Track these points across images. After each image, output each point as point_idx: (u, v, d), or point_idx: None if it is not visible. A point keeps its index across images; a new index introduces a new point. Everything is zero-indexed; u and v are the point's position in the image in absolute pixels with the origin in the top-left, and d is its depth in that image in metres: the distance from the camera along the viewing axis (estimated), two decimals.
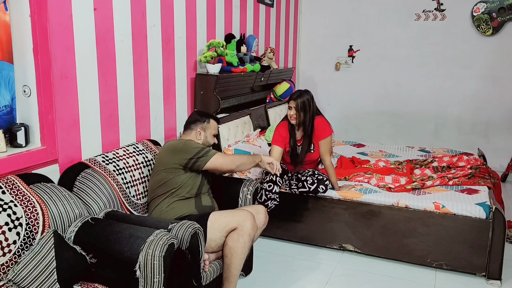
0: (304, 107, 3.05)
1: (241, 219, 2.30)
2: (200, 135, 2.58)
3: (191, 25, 3.37)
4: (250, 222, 2.30)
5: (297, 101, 3.05)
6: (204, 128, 2.60)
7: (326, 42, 5.62)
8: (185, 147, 2.43)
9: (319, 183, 3.12)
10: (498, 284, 2.78)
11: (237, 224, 2.29)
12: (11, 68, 2.12)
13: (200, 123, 2.60)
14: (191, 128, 2.60)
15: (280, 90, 4.53)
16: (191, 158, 2.39)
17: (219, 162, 2.41)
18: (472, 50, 4.97)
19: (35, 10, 2.03)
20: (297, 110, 3.06)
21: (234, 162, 2.47)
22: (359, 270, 2.98)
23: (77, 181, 2.24)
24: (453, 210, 2.89)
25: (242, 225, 2.28)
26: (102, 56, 2.50)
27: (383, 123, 5.50)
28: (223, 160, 2.43)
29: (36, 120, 2.14)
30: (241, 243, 2.28)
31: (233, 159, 2.50)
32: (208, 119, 2.63)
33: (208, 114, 2.71)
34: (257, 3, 4.53)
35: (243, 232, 2.28)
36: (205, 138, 2.60)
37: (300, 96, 3.06)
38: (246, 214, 2.34)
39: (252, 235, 2.32)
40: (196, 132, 2.58)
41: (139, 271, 1.81)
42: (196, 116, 2.65)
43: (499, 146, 5.01)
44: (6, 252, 1.76)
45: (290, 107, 3.09)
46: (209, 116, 2.66)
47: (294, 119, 3.09)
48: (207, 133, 2.61)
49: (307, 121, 3.09)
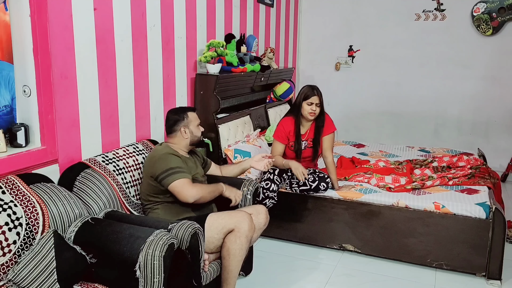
0: (322, 101, 3.12)
1: (238, 221, 2.29)
2: (186, 133, 2.53)
3: (191, 25, 3.37)
4: (247, 223, 2.29)
5: (319, 97, 3.09)
6: (187, 124, 2.53)
7: (326, 42, 5.62)
8: (158, 162, 2.38)
9: (320, 180, 3.12)
10: (498, 284, 2.78)
11: (234, 225, 2.28)
12: (11, 68, 2.12)
13: (180, 122, 2.53)
14: (174, 130, 2.53)
15: (280, 90, 4.53)
16: (160, 174, 2.35)
17: (177, 190, 2.33)
18: (472, 50, 4.97)
19: (35, 10, 2.03)
20: (320, 105, 3.09)
21: (192, 197, 2.33)
22: (359, 270, 2.98)
23: (77, 181, 2.24)
24: (453, 210, 2.89)
25: (239, 227, 2.28)
26: (102, 56, 2.50)
27: (383, 123, 5.50)
28: (179, 189, 2.33)
29: (36, 120, 2.14)
30: (238, 244, 2.27)
31: (191, 193, 2.33)
32: (185, 114, 2.55)
33: (183, 108, 2.63)
34: (257, 3, 4.53)
35: (240, 233, 2.27)
36: (192, 133, 2.55)
37: (318, 90, 3.10)
38: (243, 215, 2.33)
39: (249, 236, 2.31)
40: (181, 132, 2.52)
41: (139, 271, 1.81)
42: (174, 116, 2.56)
43: (499, 146, 5.02)
44: (6, 252, 1.76)
45: (311, 103, 3.08)
46: (185, 111, 2.58)
47: (314, 115, 3.11)
48: (191, 128, 2.55)
49: (322, 115, 3.14)
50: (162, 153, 2.42)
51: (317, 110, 3.09)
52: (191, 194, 2.33)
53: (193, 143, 2.58)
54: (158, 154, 2.42)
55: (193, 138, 2.56)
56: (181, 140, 2.54)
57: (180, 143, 2.54)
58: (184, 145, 2.55)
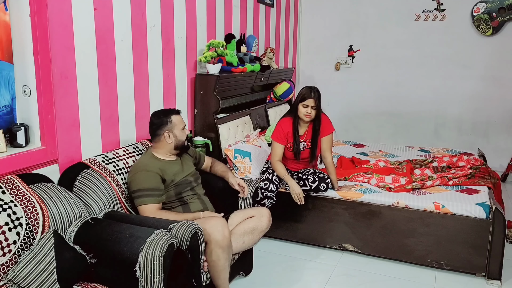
0: (319, 104, 3.09)
1: (209, 232, 2.20)
2: (170, 137, 2.44)
3: (191, 25, 3.37)
4: (220, 232, 2.21)
5: (315, 100, 3.06)
6: (171, 129, 2.44)
7: (326, 42, 5.62)
8: (133, 179, 2.36)
9: (320, 181, 3.12)
10: (498, 284, 2.78)
11: (207, 237, 2.20)
12: (11, 68, 2.12)
13: (164, 126, 2.44)
14: (158, 134, 2.44)
15: (280, 90, 4.53)
16: (131, 193, 2.35)
17: (141, 214, 2.31)
18: (472, 50, 4.97)
19: (35, 10, 2.03)
20: (315, 108, 3.07)
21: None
22: (359, 270, 2.98)
23: (77, 181, 2.24)
24: (453, 210, 2.89)
25: (210, 239, 2.20)
26: (102, 56, 2.50)
27: (383, 123, 5.50)
28: (143, 214, 2.30)
29: (36, 120, 2.14)
30: (214, 257, 2.22)
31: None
32: (169, 118, 2.46)
33: (166, 112, 2.52)
34: (257, 3, 4.53)
35: (213, 245, 2.20)
36: (176, 138, 2.46)
37: (316, 93, 3.07)
38: (214, 224, 2.23)
39: (224, 244, 2.22)
40: (164, 136, 2.44)
41: (139, 271, 1.81)
42: (157, 121, 2.46)
43: (499, 146, 5.02)
44: (6, 252, 1.76)
45: (307, 105, 3.06)
46: (168, 114, 2.48)
47: (309, 117, 3.09)
48: (175, 132, 2.46)
49: (318, 118, 3.12)
50: (141, 168, 2.38)
51: (313, 112, 3.06)
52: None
53: (177, 147, 2.49)
54: (138, 169, 2.38)
55: (177, 143, 2.48)
56: (165, 144, 2.46)
57: (165, 148, 2.47)
58: (169, 149, 2.48)
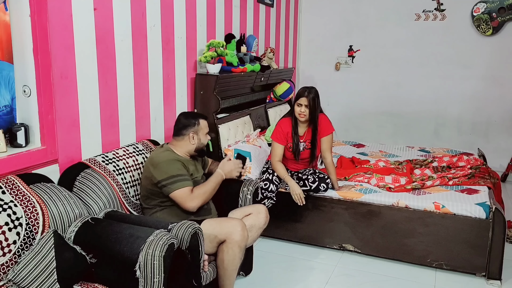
0: (314, 104, 3.06)
1: (229, 231, 2.26)
2: (194, 139, 2.50)
3: (191, 25, 3.37)
4: (239, 233, 2.26)
5: (308, 99, 3.04)
6: (197, 131, 2.51)
7: (326, 42, 5.62)
8: (159, 167, 2.36)
9: (320, 181, 3.12)
10: (498, 284, 2.78)
11: (225, 236, 2.26)
12: (11, 68, 2.12)
13: (191, 127, 2.50)
14: (182, 134, 2.50)
15: (280, 90, 4.53)
16: (161, 181, 2.34)
17: (178, 200, 2.34)
18: (472, 50, 4.97)
19: (35, 10, 2.03)
20: (309, 107, 3.06)
21: (194, 207, 2.35)
22: (359, 270, 2.98)
23: (77, 181, 2.24)
24: (453, 210, 2.89)
25: (231, 238, 2.25)
26: (102, 56, 2.50)
27: (383, 123, 5.50)
28: (181, 200, 2.33)
29: (36, 120, 2.14)
30: (231, 255, 2.26)
31: (191, 204, 2.34)
32: (197, 121, 2.53)
33: (195, 114, 2.63)
34: (257, 3, 4.53)
35: (231, 244, 2.25)
36: (199, 141, 2.53)
37: (310, 93, 3.06)
38: (235, 224, 2.29)
39: (242, 245, 2.29)
40: (189, 137, 2.49)
41: (139, 271, 1.81)
42: (185, 121, 2.53)
43: (499, 146, 5.01)
44: (6, 252, 1.76)
45: (300, 104, 3.07)
46: (197, 117, 2.57)
47: (303, 117, 3.09)
48: (200, 135, 2.53)
49: (315, 118, 3.10)
50: (164, 158, 2.39)
51: (306, 111, 3.06)
52: (192, 205, 2.34)
53: (198, 150, 2.55)
54: (160, 159, 2.39)
55: (199, 145, 2.54)
56: (187, 144, 2.50)
57: (185, 147, 2.51)
58: (189, 150, 2.52)
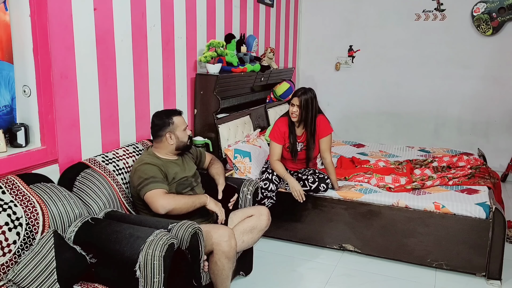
0: (306, 105, 3.04)
1: (216, 242, 2.22)
2: (172, 138, 2.43)
3: (191, 25, 3.37)
4: (226, 243, 2.22)
5: (300, 99, 3.04)
6: (172, 130, 2.43)
7: (326, 42, 5.62)
8: (136, 173, 2.33)
9: (320, 181, 3.12)
10: (498, 284, 2.78)
11: (211, 247, 2.22)
12: (11, 68, 2.12)
13: (166, 128, 2.42)
14: (159, 135, 2.43)
15: (280, 90, 4.53)
16: (137, 186, 2.31)
17: (149, 200, 2.25)
18: (472, 50, 4.97)
19: (35, 10, 2.03)
20: (300, 107, 3.05)
21: (163, 207, 2.22)
22: (359, 270, 2.98)
23: (77, 181, 2.24)
24: (453, 210, 2.89)
25: (217, 249, 2.22)
26: (102, 56, 2.50)
27: (383, 123, 5.50)
28: (151, 200, 2.24)
29: (36, 120, 2.14)
30: (219, 266, 2.25)
31: (161, 204, 2.22)
32: (171, 119, 2.44)
33: (168, 112, 2.50)
34: (257, 3, 4.53)
35: (219, 255, 2.23)
36: (178, 139, 2.45)
37: (303, 94, 3.05)
38: (222, 234, 2.24)
39: (230, 255, 2.24)
40: (166, 138, 2.43)
41: (139, 271, 1.81)
42: (159, 122, 2.45)
43: (499, 146, 5.02)
44: (6, 252, 1.76)
45: (293, 104, 3.07)
46: (170, 115, 2.46)
47: (295, 117, 3.08)
48: (177, 133, 2.45)
49: (308, 119, 3.09)
50: (140, 163, 2.37)
51: (298, 111, 3.05)
52: (161, 205, 2.22)
53: (179, 148, 2.48)
54: (136, 164, 2.37)
55: (179, 144, 2.47)
56: (166, 146, 2.45)
57: (166, 149, 2.46)
58: (170, 150, 2.47)
